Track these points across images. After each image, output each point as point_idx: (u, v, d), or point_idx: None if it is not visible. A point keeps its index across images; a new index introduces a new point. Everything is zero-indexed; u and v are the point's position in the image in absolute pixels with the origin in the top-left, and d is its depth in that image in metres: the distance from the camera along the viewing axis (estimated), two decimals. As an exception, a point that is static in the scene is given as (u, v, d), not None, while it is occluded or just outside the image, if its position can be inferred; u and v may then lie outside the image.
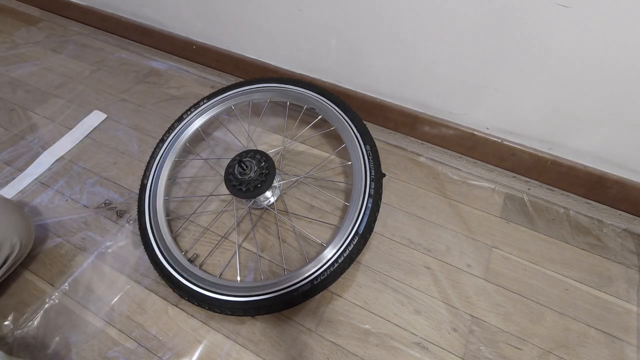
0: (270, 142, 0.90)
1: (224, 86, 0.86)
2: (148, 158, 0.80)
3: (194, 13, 0.95)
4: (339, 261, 0.62)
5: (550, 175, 0.78)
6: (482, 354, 0.61)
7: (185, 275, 0.65)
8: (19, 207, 0.67)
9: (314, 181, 0.82)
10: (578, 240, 0.73)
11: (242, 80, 0.88)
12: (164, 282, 0.67)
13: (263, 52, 0.94)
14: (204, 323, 0.65)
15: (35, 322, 0.65)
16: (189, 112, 0.84)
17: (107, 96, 1.02)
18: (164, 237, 0.70)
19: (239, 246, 0.73)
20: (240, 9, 0.86)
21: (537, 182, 0.81)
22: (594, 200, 0.78)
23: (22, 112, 0.99)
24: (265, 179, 0.67)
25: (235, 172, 0.69)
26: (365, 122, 0.75)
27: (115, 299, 0.68)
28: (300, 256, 0.71)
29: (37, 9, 1.31)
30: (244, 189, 0.67)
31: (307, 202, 0.79)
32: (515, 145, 0.77)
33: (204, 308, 0.64)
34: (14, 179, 0.85)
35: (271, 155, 0.72)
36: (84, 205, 0.80)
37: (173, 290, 0.66)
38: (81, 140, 0.92)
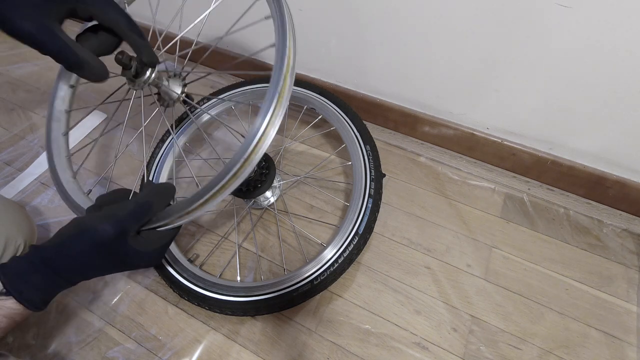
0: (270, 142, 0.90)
1: (224, 86, 0.86)
2: (148, 158, 0.80)
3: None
4: (339, 261, 0.62)
5: (550, 175, 0.78)
6: (482, 354, 0.61)
7: (185, 275, 0.65)
8: (23, 208, 0.67)
9: (314, 181, 0.82)
10: (578, 240, 0.73)
11: (242, 80, 0.88)
12: (164, 282, 0.67)
13: (263, 52, 0.94)
14: (204, 323, 0.65)
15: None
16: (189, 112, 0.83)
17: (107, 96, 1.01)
18: (164, 237, 0.70)
19: (239, 246, 0.73)
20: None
21: (537, 182, 0.81)
22: (594, 200, 0.78)
23: (22, 112, 0.99)
24: (265, 179, 0.67)
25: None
26: (365, 122, 0.75)
27: (115, 299, 0.68)
28: (300, 256, 0.71)
29: (37, 9, 1.31)
30: (244, 189, 0.67)
31: (307, 202, 0.79)
32: (515, 145, 0.77)
33: (204, 308, 0.64)
34: (14, 179, 0.85)
35: (271, 155, 0.72)
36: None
37: (173, 290, 0.66)
38: (81, 140, 0.92)
